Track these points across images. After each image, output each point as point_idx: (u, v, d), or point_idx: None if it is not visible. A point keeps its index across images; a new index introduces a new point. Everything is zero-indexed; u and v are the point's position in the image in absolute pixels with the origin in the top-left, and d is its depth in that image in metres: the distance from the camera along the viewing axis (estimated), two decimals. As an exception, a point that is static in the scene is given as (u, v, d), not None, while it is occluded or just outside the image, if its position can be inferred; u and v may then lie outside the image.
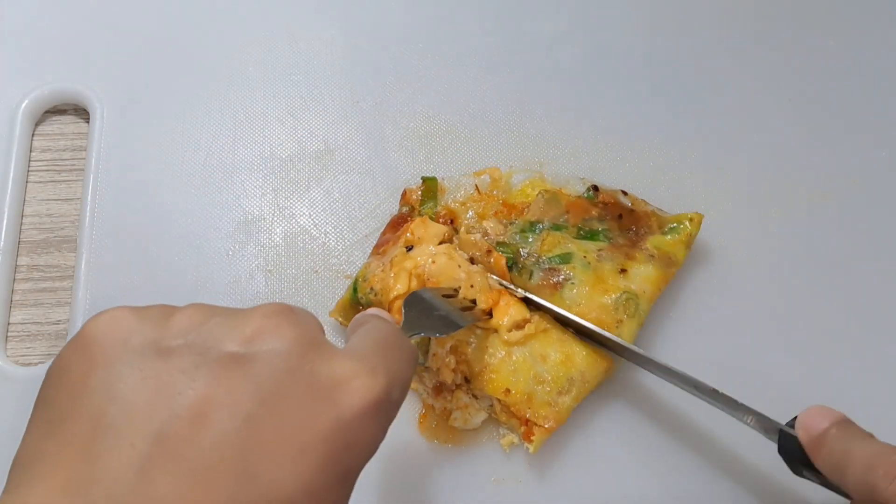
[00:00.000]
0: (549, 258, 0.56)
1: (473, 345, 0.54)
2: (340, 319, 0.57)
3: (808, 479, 0.46)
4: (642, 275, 0.56)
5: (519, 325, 0.55)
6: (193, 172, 0.64)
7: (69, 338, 0.58)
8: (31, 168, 0.65)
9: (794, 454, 0.45)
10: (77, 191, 0.64)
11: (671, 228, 0.59)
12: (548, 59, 0.68)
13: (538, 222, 0.58)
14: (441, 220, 0.59)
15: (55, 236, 0.63)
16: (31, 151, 0.65)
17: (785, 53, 0.68)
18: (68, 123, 0.67)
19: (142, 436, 0.30)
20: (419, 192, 0.61)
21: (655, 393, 0.57)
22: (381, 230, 0.61)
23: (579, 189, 0.61)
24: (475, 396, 0.55)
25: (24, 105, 0.65)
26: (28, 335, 0.60)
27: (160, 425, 0.30)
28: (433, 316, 0.51)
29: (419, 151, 0.64)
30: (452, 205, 0.60)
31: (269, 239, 0.62)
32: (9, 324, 0.60)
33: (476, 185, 0.61)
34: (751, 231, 0.62)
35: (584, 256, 0.56)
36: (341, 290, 0.60)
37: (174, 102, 0.66)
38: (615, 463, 0.55)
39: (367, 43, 0.68)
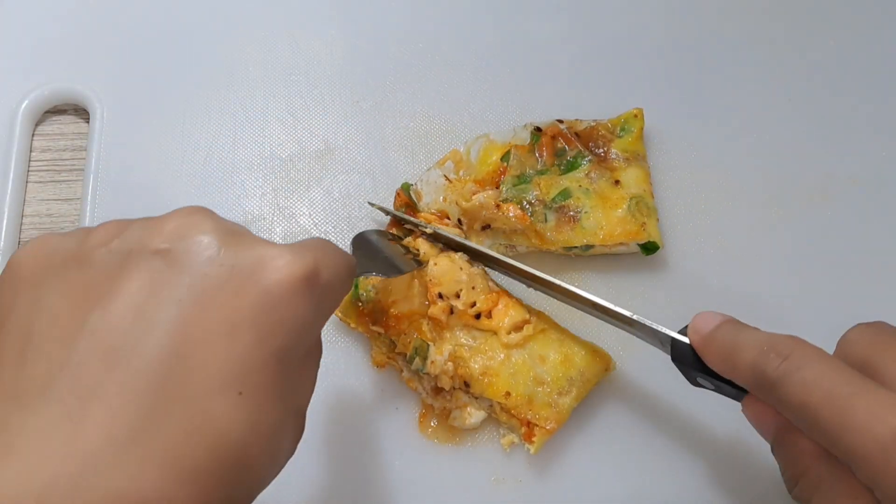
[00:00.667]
0: (552, 199, 0.58)
1: (472, 348, 0.54)
2: (340, 315, 0.57)
3: (704, 386, 0.46)
4: (632, 178, 0.59)
5: (518, 327, 0.55)
6: (193, 172, 0.64)
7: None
8: (31, 168, 0.65)
9: (687, 360, 0.46)
10: (77, 191, 0.64)
11: (622, 129, 0.61)
12: (548, 59, 0.68)
13: (523, 175, 0.59)
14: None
15: (55, 236, 0.63)
16: (31, 151, 0.65)
17: (785, 53, 0.68)
18: (68, 123, 0.67)
19: (70, 335, 0.31)
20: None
21: (655, 393, 0.57)
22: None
23: (526, 137, 0.61)
24: (474, 397, 0.55)
25: (24, 105, 0.65)
26: (28, 335, 0.60)
27: (87, 324, 0.31)
28: (379, 258, 0.52)
29: (419, 151, 0.64)
30: (434, 205, 0.60)
31: (269, 239, 0.62)
32: (9, 324, 0.60)
33: (445, 176, 0.61)
34: (751, 231, 0.62)
35: (580, 185, 0.58)
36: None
37: (174, 102, 0.66)
38: (615, 463, 0.55)
39: (367, 43, 0.69)
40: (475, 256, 0.56)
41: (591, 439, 0.56)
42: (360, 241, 0.53)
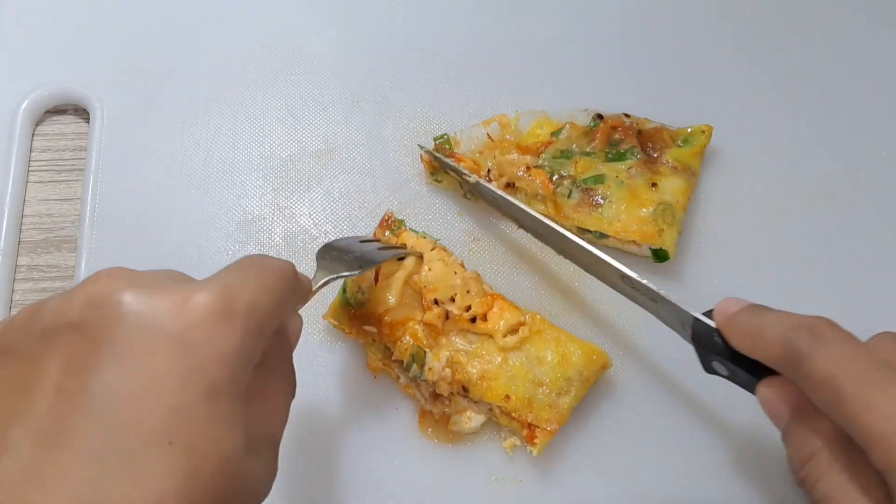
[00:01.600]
0: (584, 180, 0.59)
1: (468, 353, 0.54)
2: (334, 322, 0.57)
3: (718, 373, 0.46)
4: (672, 186, 0.59)
5: (513, 329, 0.54)
6: (193, 172, 0.64)
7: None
8: (31, 168, 0.65)
9: (707, 342, 0.46)
10: (77, 191, 0.64)
11: (685, 140, 0.62)
12: (548, 59, 0.68)
13: (567, 150, 0.60)
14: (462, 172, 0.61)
15: (55, 236, 0.63)
16: (31, 151, 0.65)
17: (785, 53, 0.68)
18: (68, 123, 0.67)
19: (1, 425, 0.31)
20: (434, 154, 0.61)
21: (655, 393, 0.57)
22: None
23: (585, 121, 0.62)
24: (474, 401, 0.55)
25: (24, 105, 0.65)
26: (28, 335, 0.60)
27: (17, 411, 0.31)
28: (348, 258, 0.51)
29: (419, 151, 0.64)
30: (471, 155, 0.62)
31: (269, 239, 0.62)
32: (9, 324, 0.60)
33: (488, 134, 0.62)
34: (751, 232, 0.62)
35: (617, 176, 0.59)
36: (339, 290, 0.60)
37: (174, 102, 0.66)
38: (615, 463, 0.55)
39: (367, 43, 0.68)
40: (508, 213, 0.56)
41: (591, 439, 0.56)
42: (325, 250, 0.52)
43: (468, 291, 0.55)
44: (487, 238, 0.62)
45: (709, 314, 0.46)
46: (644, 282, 0.50)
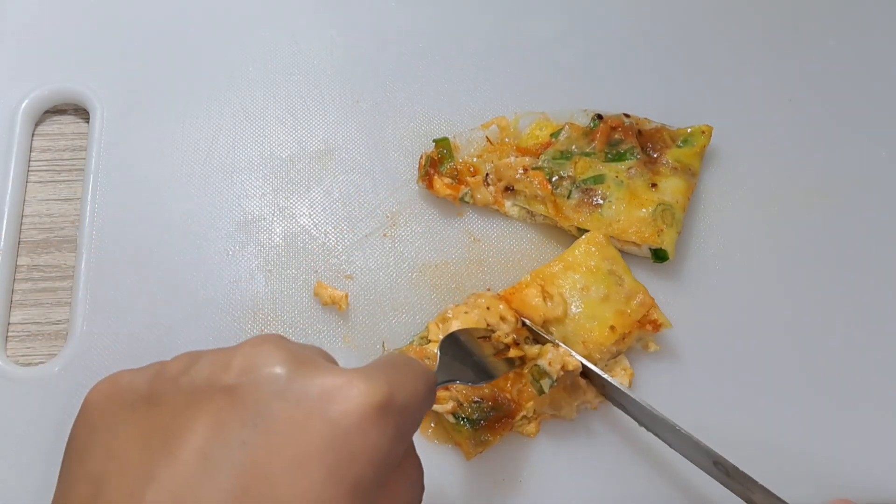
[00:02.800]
0: (584, 180, 0.60)
1: (545, 349, 0.54)
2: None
3: None
4: (672, 186, 0.60)
5: (547, 297, 0.56)
6: (193, 172, 0.64)
7: (69, 338, 0.58)
8: (31, 168, 0.65)
9: None
10: (77, 191, 0.64)
11: (684, 141, 0.62)
12: (549, 59, 0.68)
13: (566, 151, 0.61)
14: (461, 176, 0.61)
15: (55, 236, 0.63)
16: (31, 151, 0.65)
17: (785, 53, 0.68)
18: (68, 123, 0.67)
19: (138, 485, 0.30)
20: (435, 154, 0.62)
21: (656, 392, 0.57)
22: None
23: (584, 121, 0.63)
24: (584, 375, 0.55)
25: (24, 105, 0.65)
26: (28, 335, 0.60)
27: (153, 473, 0.30)
28: (467, 362, 0.50)
29: (419, 151, 0.64)
30: (469, 160, 0.62)
31: (269, 239, 0.62)
32: (9, 324, 0.60)
33: (487, 137, 0.63)
34: (751, 232, 0.62)
35: (616, 176, 0.60)
36: (341, 289, 0.60)
37: (174, 102, 0.66)
38: (615, 463, 0.55)
39: (367, 43, 0.68)
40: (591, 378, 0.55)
41: (591, 440, 0.56)
42: (449, 342, 0.50)
43: (500, 321, 0.55)
44: (487, 238, 0.62)
45: None
46: (740, 469, 0.47)
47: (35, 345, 0.59)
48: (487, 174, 0.61)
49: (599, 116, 0.62)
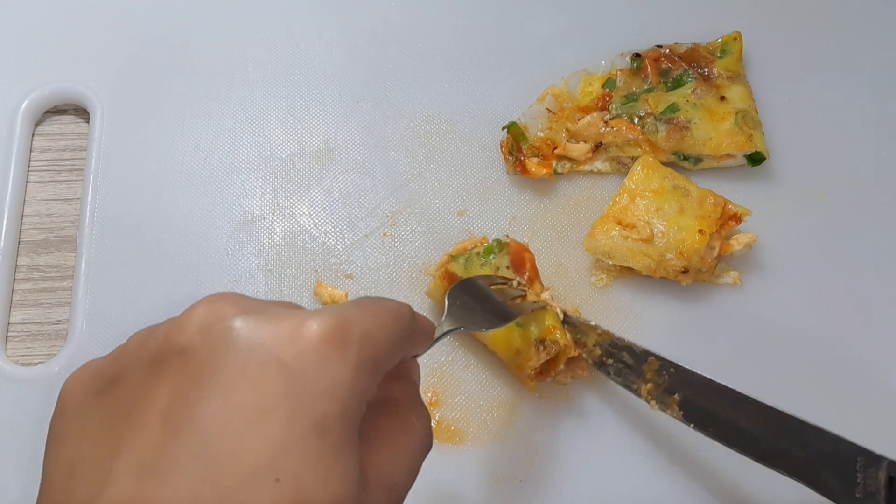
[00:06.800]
0: (662, 112, 0.62)
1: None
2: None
3: None
4: (737, 94, 0.63)
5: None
6: (193, 172, 0.64)
7: (69, 338, 0.58)
8: (31, 168, 0.65)
9: None
10: (77, 191, 0.64)
11: (722, 51, 0.65)
12: (549, 59, 0.68)
13: (630, 94, 0.63)
14: (542, 152, 0.62)
15: (55, 236, 0.63)
16: (31, 151, 0.65)
17: (785, 53, 0.68)
18: (68, 123, 0.67)
19: (106, 456, 0.30)
20: (510, 140, 0.63)
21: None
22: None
23: (625, 64, 0.66)
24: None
25: (24, 105, 0.65)
26: (28, 335, 0.60)
27: (122, 443, 0.30)
28: (478, 310, 0.48)
29: (419, 151, 0.64)
30: (542, 134, 0.63)
31: (269, 239, 0.62)
32: (9, 324, 0.60)
33: (547, 109, 0.64)
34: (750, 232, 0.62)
35: (687, 100, 0.62)
36: (341, 289, 0.60)
37: (174, 102, 0.66)
38: (616, 463, 0.55)
39: (367, 43, 0.69)
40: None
41: (591, 440, 0.56)
42: (462, 288, 0.48)
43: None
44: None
45: None
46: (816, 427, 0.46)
47: (35, 345, 0.59)
48: (566, 142, 0.62)
49: (637, 55, 0.65)
